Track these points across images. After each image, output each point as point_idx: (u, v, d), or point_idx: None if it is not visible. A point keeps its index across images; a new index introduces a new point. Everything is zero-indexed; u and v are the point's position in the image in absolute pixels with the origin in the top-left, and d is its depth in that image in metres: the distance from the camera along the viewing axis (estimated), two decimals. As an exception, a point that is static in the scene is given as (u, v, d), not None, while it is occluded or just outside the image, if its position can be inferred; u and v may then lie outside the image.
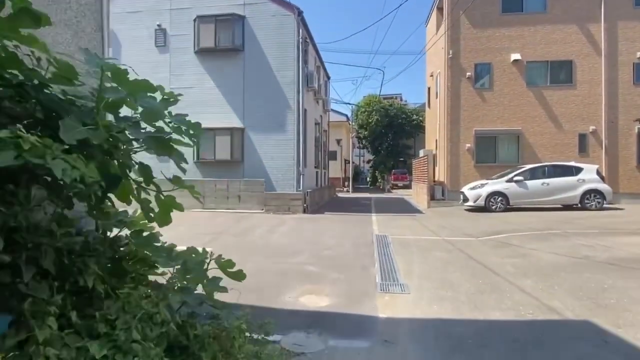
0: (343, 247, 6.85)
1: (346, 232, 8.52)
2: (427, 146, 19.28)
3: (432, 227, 9.35)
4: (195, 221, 9.90)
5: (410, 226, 9.60)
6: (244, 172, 12.94)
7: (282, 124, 12.74)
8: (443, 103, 15.55)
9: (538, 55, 14.88)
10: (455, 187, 15.02)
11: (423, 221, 10.51)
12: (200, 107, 13.30)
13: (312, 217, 11.38)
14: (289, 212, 11.97)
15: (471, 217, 11.37)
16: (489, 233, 8.28)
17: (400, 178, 30.63)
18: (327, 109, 19.68)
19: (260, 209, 12.20)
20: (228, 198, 12.49)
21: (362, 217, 11.50)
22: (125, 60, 11.92)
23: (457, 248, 6.76)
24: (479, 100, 15.12)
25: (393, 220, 10.71)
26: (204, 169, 13.20)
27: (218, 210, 12.36)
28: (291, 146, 12.65)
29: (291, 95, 12.71)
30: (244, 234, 8.20)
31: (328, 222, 10.38)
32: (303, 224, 9.92)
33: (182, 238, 7.50)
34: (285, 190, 12.49)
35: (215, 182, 12.65)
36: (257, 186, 12.34)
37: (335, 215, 11.86)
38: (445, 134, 15.20)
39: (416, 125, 34.86)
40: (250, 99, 12.95)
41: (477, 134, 15.04)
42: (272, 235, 8.08)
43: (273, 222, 9.93)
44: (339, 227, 9.31)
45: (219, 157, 12.88)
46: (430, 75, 18.49)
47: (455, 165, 15.10)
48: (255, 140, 12.91)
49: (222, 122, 13.07)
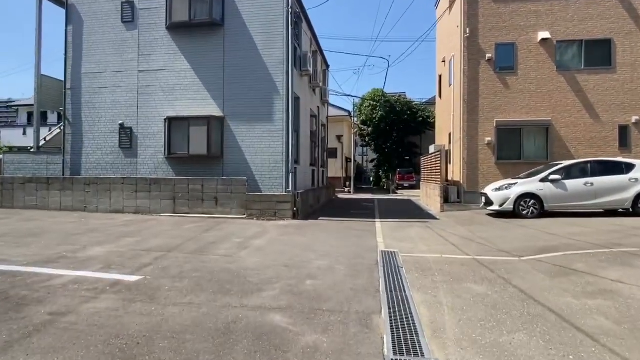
0: (334, 274, 4.77)
1: (342, 248, 6.44)
2: (438, 142, 17.16)
3: (453, 239, 7.24)
4: (154, 230, 7.85)
5: (425, 237, 7.50)
6: (224, 170, 10.89)
7: (269, 113, 10.68)
8: (459, 90, 13.43)
9: (570, 33, 12.73)
10: (472, 188, 12.90)
11: (440, 230, 8.41)
12: (172, 92, 11.30)
13: (302, 224, 9.30)
14: (275, 217, 9.90)
15: (499, 224, 9.25)
16: (533, 250, 6.16)
17: (406, 178, 28.48)
18: (325, 100, 17.62)
19: (242, 213, 10.14)
20: (203, 200, 10.44)
21: (363, 224, 9.41)
22: (88, 39, 9.81)
23: (501, 276, 4.65)
24: (501, 87, 12.99)
25: (402, 229, 8.62)
26: (177, 166, 11.16)
27: (191, 215, 10.32)
28: (279, 139, 10.59)
29: (279, 78, 10.65)
30: (205, 250, 6.14)
31: (321, 231, 8.30)
32: (288, 234, 7.85)
33: (119, 257, 5.50)
34: (273, 191, 10.44)
35: (188, 181, 10.60)
36: (237, 186, 10.27)
37: (331, 222, 9.78)
38: (462, 126, 13.08)
39: (423, 122, 32.74)
40: (232, 82, 10.91)
41: (499, 126, 12.91)
42: (241, 253, 6.01)
43: (250, 232, 7.86)
44: (333, 239, 7.23)
45: (193, 151, 10.84)
46: (442, 61, 16.37)
47: (473, 163, 12.97)
48: (237, 131, 10.87)
49: (197, 109, 11.04)
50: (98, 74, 11.75)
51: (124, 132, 11.54)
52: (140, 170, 11.42)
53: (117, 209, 10.96)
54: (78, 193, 11.27)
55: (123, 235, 7.30)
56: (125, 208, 10.93)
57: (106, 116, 11.70)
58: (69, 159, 11.87)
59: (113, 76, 11.65)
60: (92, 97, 11.79)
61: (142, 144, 11.44)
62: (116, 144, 11.59)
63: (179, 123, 11.03)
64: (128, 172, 11.46)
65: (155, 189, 10.73)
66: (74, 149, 11.84)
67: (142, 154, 11.43)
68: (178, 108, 11.22)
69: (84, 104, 11.83)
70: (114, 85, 11.64)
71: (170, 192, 10.63)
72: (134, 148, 11.49)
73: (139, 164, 11.45)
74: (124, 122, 11.55)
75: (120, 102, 11.60)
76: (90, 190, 11.19)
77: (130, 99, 11.55)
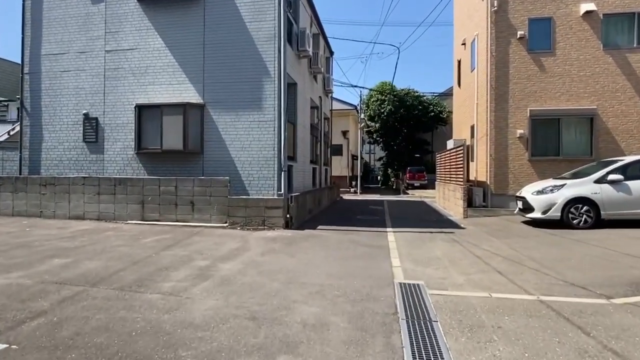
0: (327, 340, 2.88)
1: (343, 277, 4.54)
2: (457, 137, 15.16)
3: (495, 262, 5.32)
4: (101, 246, 6.00)
5: (456, 258, 5.58)
6: (204, 168, 9.06)
7: (257, 99, 8.82)
8: (485, 75, 11.44)
9: (620, 4, 10.67)
10: (501, 190, 10.92)
11: (471, 245, 6.48)
12: (143, 76, 9.49)
13: (295, 236, 7.42)
14: (263, 227, 8.04)
15: (546, 238, 7.28)
16: (622, 282, 4.22)
17: (417, 177, 26.47)
18: (329, 90, 15.70)
19: (222, 221, 8.30)
20: (177, 205, 8.61)
21: (372, 235, 7.51)
22: (49, 15, 7.15)
23: (605, 345, 2.73)
24: (535, 70, 10.97)
25: (422, 243, 6.70)
26: (149, 164, 9.36)
27: (161, 223, 8.50)
28: (270, 130, 8.73)
29: (270, 57, 8.78)
30: (145, 283, 4.29)
31: (317, 247, 6.41)
32: (274, 253, 5.97)
33: (9, 296, 2.62)
34: (262, 194, 8.59)
35: (158, 181, 8.78)
36: (217, 188, 8.43)
37: (332, 233, 7.88)
38: (488, 116, 11.08)
39: (435, 118, 30.64)
40: (213, 63, 9.07)
41: (533, 116, 10.90)
42: (196, 288, 4.15)
43: (224, 250, 6.00)
44: (332, 262, 5.34)
45: (167, 146, 9.02)
46: (462, 44, 14.35)
47: (502, 160, 10.99)
48: (219, 121, 9.03)
49: (173, 96, 9.22)
50: (60, 55, 9.98)
51: (88, 124, 9.77)
52: (107, 169, 9.64)
53: (77, 214, 9.19)
54: (33, 195, 9.52)
55: (54, 255, 5.49)
56: (86, 214, 9.15)
57: (69, 105, 9.94)
58: (27, 155, 10.14)
59: (76, 57, 9.88)
60: (52, 82, 10.03)
61: (109, 137, 9.66)
62: (80, 138, 9.82)
63: (151, 112, 9.21)
64: (93, 170, 9.70)
65: (121, 191, 8.93)
66: (33, 144, 10.10)
67: (110, 149, 9.65)
68: (150, 94, 9.41)
69: (44, 91, 10.08)
70: (77, 69, 9.87)
71: (138, 195, 8.82)
72: (100, 142, 9.71)
73: (105, 160, 9.67)
74: (88, 112, 9.77)
75: (85, 87, 9.82)
76: (47, 192, 9.43)
77: (96, 84, 9.76)
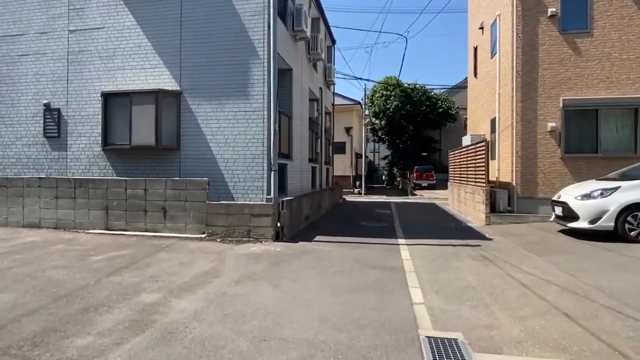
0: None
1: (343, 330, 3.09)
2: (473, 132, 13.65)
3: (552, 296, 3.86)
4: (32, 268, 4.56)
5: (497, 290, 4.12)
6: (181, 167, 7.66)
7: (243, 85, 7.40)
8: (509, 60, 9.94)
9: (669, -24, 9.13)
10: (529, 192, 9.42)
11: (510, 267, 5.01)
12: (111, 59, 8.09)
13: (285, 252, 5.99)
14: (248, 238, 6.61)
15: (603, 256, 5.78)
16: None
17: (424, 176, 24.97)
18: (330, 81, 14.24)
19: (200, 231, 6.88)
20: (146, 212, 7.20)
21: (381, 250, 6.05)
22: None
23: None
24: (569, 53, 9.46)
25: (446, 262, 5.24)
26: (118, 162, 7.96)
27: (128, 233, 7.10)
28: (259, 122, 7.31)
29: (258, 34, 7.35)
30: (52, 336, 2.89)
31: (310, 272, 4.96)
32: (252, 280, 4.54)
33: None
34: (249, 198, 7.17)
35: (125, 183, 7.38)
36: (193, 191, 7.01)
37: (331, 246, 6.43)
38: (514, 107, 9.58)
39: (443, 114, 29.07)
40: (192, 43, 7.66)
41: (567, 106, 9.39)
42: (119, 350, 2.72)
43: (189, 275, 4.57)
44: (328, 298, 3.88)
45: (137, 140, 7.61)
46: (479, 28, 12.83)
47: (531, 158, 9.49)
48: (198, 112, 7.61)
49: (146, 82, 7.83)
50: (17, 37, 8.60)
51: (49, 116, 8.39)
52: (71, 168, 8.26)
53: (32, 221, 7.82)
54: (-17, 199, 8.17)
55: (-42, 283, 4.10)
56: (42, 221, 7.77)
57: (28, 94, 8.56)
58: (-19, 152, 8.79)
59: (36, 39, 8.50)
60: (9, 68, 8.65)
61: (73, 131, 8.27)
62: (40, 132, 8.45)
63: (119, 101, 7.81)
64: (55, 170, 8.32)
65: (82, 195, 7.55)
66: (-13, 140, 8.75)
67: (74, 146, 8.26)
68: (120, 80, 8.01)
69: (0, 79, 8.72)
70: (37, 52, 8.49)
71: (102, 199, 7.43)
72: (63, 137, 8.33)
73: (69, 159, 8.29)
74: (50, 102, 8.39)
75: (46, 74, 8.44)
76: (-1, 195, 8.07)
77: (59, 70, 8.38)
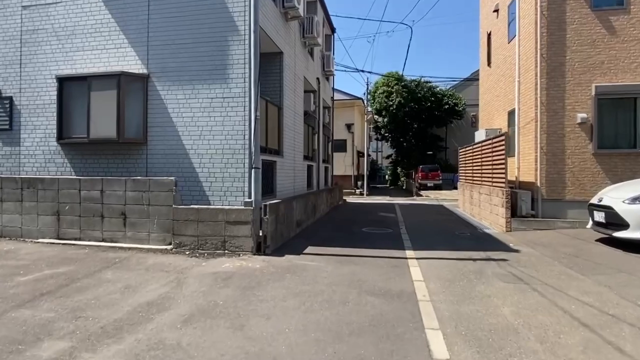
0: None
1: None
2: (486, 127, 12.40)
3: (630, 345, 2.63)
4: None
5: (549, 331, 2.90)
6: (148, 164, 6.48)
7: (221, 66, 6.21)
8: (532, 42, 8.70)
9: None
10: (555, 194, 8.19)
11: (554, 293, 3.79)
12: (70, 39, 6.92)
13: (264, 270, 4.78)
14: (223, 250, 5.41)
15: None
16: None
17: (430, 176, 23.72)
18: (329, 72, 13.03)
19: (166, 242, 5.69)
20: (103, 217, 6.02)
21: (385, 267, 4.84)
22: None
23: None
24: (603, 33, 8.22)
25: (470, 287, 4.02)
26: (78, 158, 6.80)
27: (80, 243, 5.92)
28: (239, 110, 6.12)
29: (238, 7, 6.16)
30: None
31: (290, 303, 3.75)
32: (207, 320, 3.33)
33: None
34: (227, 202, 5.98)
35: (79, 183, 6.20)
36: (158, 193, 5.81)
37: (323, 261, 5.23)
38: (538, 96, 8.34)
39: (450, 111, 27.79)
40: (162, 18, 6.48)
41: (600, 95, 8.14)
42: None
43: (126, 308, 3.38)
44: (310, 355, 2.68)
45: (96, 133, 6.43)
46: (494, 11, 11.56)
47: (557, 154, 8.25)
48: (169, 98, 6.43)
49: (107, 64, 6.66)
50: (-35, 14, 7.47)
51: (0, 105, 7.24)
52: (24, 166, 7.10)
53: (-25, 228, 6.67)
54: None
55: None
56: (-14, 228, 6.63)
57: (-24, 80, 7.42)
58: None
59: (-14, 17, 7.36)
60: (-44, 51, 7.52)
61: (27, 122, 7.11)
62: (-10, 124, 7.31)
63: (77, 87, 6.63)
64: (7, 168, 7.17)
65: (30, 197, 6.38)
66: None
67: (28, 140, 7.10)
68: (79, 63, 6.84)
69: (-53, 63, 7.58)
70: (-13, 32, 7.35)
71: (53, 202, 6.26)
72: (16, 130, 7.17)
73: (22, 155, 7.13)
74: (0, 89, 7.25)
75: (-4, 57, 7.30)
76: (-62, 197, 6.92)
77: (10, 52, 7.23)
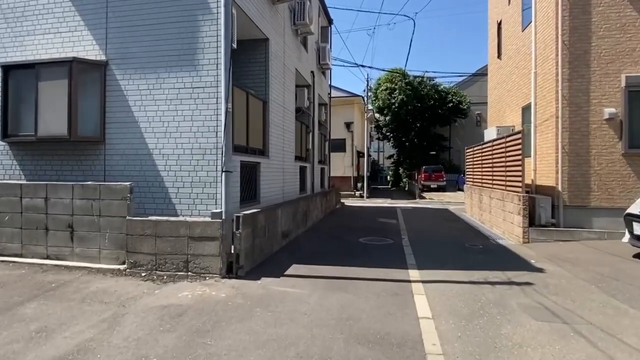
0: None
1: None
2: (497, 124, 11.37)
3: None
4: None
5: None
6: (106, 166, 5.52)
7: (190, 51, 5.26)
8: (551, 28, 7.70)
9: None
10: (579, 200, 7.18)
11: (600, 335, 2.81)
12: (20, 21, 5.97)
13: (229, 302, 3.81)
14: (186, 272, 4.44)
15: None
16: None
17: (433, 177, 22.71)
18: (325, 65, 12.04)
19: (119, 261, 4.71)
20: (48, 230, 5.05)
21: (383, 295, 3.83)
22: None
23: None
24: (634, 16, 7.21)
25: (494, 329, 3.03)
26: (27, 160, 5.86)
27: (20, 260, 4.96)
28: (211, 102, 5.16)
29: (210, -21, 5.19)
30: None
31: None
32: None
33: None
34: (197, 212, 5.02)
35: (19, 188, 5.24)
36: (111, 201, 4.84)
37: (307, 287, 4.24)
38: (559, 89, 7.33)
39: (454, 109, 26.77)
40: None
41: (631, 86, 7.13)
42: None
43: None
44: None
45: (45, 130, 5.47)
46: (505, -3, 10.57)
47: (581, 155, 7.24)
48: (130, 89, 5.48)
49: (60, 49, 5.73)
50: None
51: (-57, 98, 6.30)
52: (-31, 168, 6.16)
53: None
54: None
55: None
56: None
57: None
58: None
59: None
60: None
61: (-28, 118, 6.18)
62: None
63: (24, 76, 5.68)
64: (-50, 170, 6.23)
65: (-35, 205, 5.43)
66: None
67: (-27, 138, 6.17)
68: (29, 49, 5.90)
69: None
70: None
71: (-9, 211, 5.31)
72: (-39, 127, 6.24)
73: None
74: (-57, 80, 6.32)
75: (-61, 43, 6.36)
76: None
77: (-46, 38, 6.30)
